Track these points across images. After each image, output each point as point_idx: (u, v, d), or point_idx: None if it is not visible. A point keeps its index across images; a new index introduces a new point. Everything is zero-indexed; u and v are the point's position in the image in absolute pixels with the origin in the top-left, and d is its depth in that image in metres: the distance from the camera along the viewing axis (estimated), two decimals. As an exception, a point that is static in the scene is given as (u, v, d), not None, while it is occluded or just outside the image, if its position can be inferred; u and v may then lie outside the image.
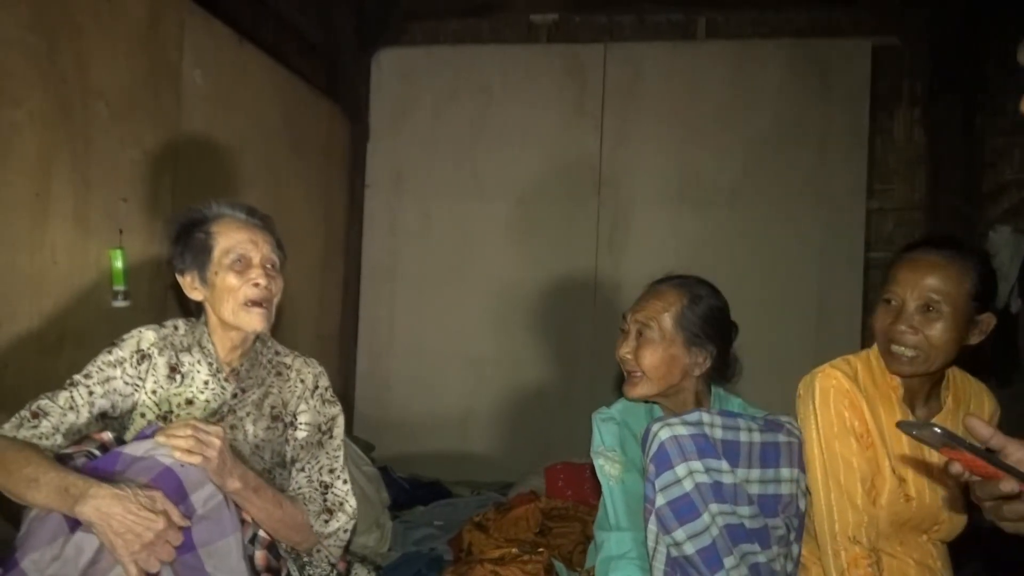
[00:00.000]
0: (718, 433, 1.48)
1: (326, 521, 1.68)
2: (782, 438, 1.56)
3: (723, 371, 1.75)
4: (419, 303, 4.01)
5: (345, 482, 1.75)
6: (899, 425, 1.07)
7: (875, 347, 1.64)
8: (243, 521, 1.48)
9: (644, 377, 1.68)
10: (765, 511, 1.50)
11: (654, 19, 3.94)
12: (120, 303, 2.23)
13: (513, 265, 3.93)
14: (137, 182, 2.33)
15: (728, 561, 1.42)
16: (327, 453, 1.75)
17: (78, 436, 1.51)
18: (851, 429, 1.58)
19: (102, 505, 1.27)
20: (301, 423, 1.74)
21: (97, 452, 1.46)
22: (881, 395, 1.61)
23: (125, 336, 1.65)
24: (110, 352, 1.62)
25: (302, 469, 1.73)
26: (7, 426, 1.49)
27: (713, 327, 1.70)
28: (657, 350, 1.67)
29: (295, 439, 1.73)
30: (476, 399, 3.93)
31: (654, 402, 1.77)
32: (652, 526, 1.45)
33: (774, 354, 3.34)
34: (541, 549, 2.00)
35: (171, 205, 2.48)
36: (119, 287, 2.23)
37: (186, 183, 2.54)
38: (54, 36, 2.00)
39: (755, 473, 1.50)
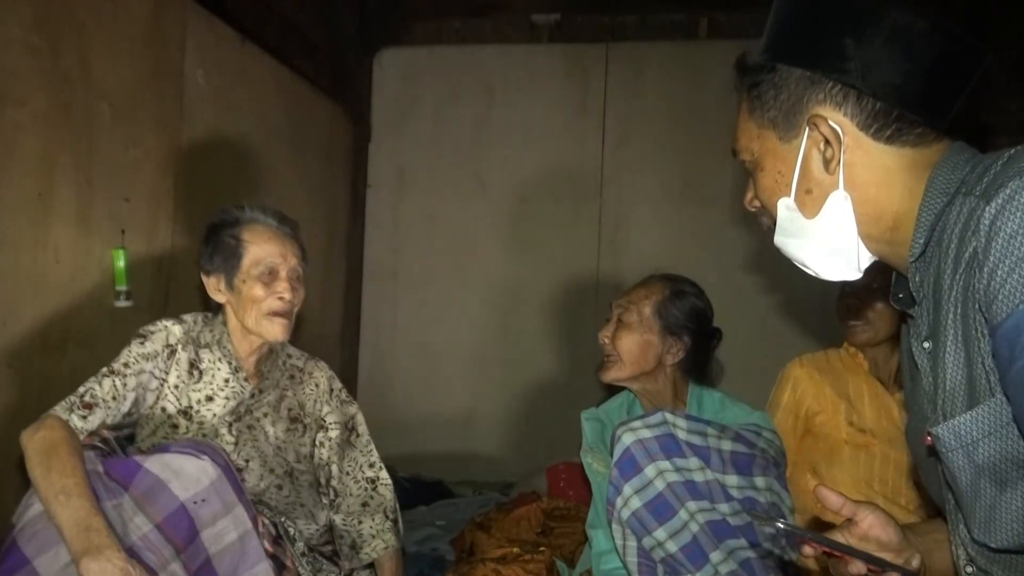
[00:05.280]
0: (682, 435, 1.49)
1: (395, 520, 1.86)
2: (756, 451, 1.56)
3: (701, 369, 1.76)
4: (421, 303, 4.01)
5: (383, 469, 1.88)
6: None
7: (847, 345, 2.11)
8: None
9: (618, 360, 1.71)
10: (748, 509, 1.50)
11: (656, 19, 3.93)
12: (123, 303, 2.24)
13: (515, 265, 3.93)
14: (139, 182, 2.34)
15: (715, 556, 1.43)
16: (360, 450, 1.87)
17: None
18: (793, 410, 2.05)
19: (107, 572, 1.24)
20: (331, 423, 1.83)
21: (101, 445, 1.47)
22: (850, 369, 2.06)
23: (151, 328, 1.67)
24: (143, 344, 1.62)
25: (347, 472, 1.83)
26: (58, 408, 1.49)
27: (693, 322, 1.72)
28: (633, 334, 1.70)
29: (329, 439, 1.82)
30: (478, 399, 3.92)
31: (635, 394, 1.78)
32: (616, 524, 1.48)
33: (776, 353, 3.33)
34: (543, 548, 2.00)
35: (173, 205, 2.48)
36: (121, 287, 2.23)
37: (188, 183, 2.54)
38: (57, 36, 2.00)
39: (732, 479, 1.50)
